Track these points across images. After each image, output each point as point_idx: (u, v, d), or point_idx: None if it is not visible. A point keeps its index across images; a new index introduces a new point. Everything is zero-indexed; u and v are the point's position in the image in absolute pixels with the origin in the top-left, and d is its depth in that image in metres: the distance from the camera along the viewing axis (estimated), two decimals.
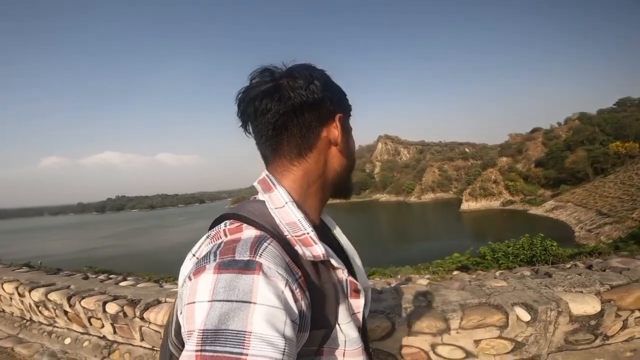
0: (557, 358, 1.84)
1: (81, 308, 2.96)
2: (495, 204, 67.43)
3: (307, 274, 0.52)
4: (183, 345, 0.44)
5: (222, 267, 0.43)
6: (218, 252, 0.46)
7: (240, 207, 0.59)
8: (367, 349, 0.68)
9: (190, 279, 0.46)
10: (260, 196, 0.60)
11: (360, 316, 0.62)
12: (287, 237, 0.54)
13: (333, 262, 0.56)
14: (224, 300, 0.41)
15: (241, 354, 0.38)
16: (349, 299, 0.60)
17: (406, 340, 1.93)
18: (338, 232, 0.76)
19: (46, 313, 3.29)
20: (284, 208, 0.56)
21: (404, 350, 1.93)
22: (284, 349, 0.40)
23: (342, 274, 0.59)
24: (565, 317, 1.90)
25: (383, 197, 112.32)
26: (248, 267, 0.43)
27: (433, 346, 1.91)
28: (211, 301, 0.41)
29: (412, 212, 78.32)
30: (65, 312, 3.12)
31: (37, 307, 3.33)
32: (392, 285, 3.92)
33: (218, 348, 0.38)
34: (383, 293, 2.48)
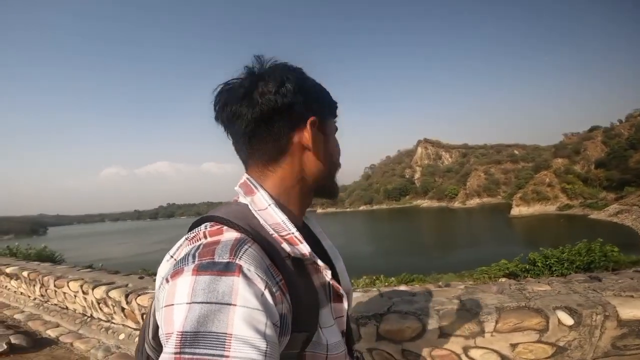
0: None
1: (136, 305, 3.20)
2: (550, 208, 62.56)
3: (288, 277, 0.50)
4: (161, 348, 0.44)
5: (201, 269, 0.43)
6: (197, 254, 0.46)
7: (220, 209, 0.58)
8: (350, 352, 0.69)
9: (167, 281, 0.45)
10: (242, 199, 0.60)
11: (344, 320, 0.63)
12: (273, 236, 0.53)
13: (319, 262, 0.57)
14: (203, 302, 0.40)
15: (222, 356, 0.37)
16: (332, 302, 0.61)
17: (437, 342, 1.89)
18: (320, 235, 0.75)
19: (105, 310, 3.61)
20: (267, 210, 0.56)
21: (435, 352, 1.90)
22: (266, 350, 0.40)
23: (326, 276, 0.58)
24: (612, 321, 1.76)
25: (424, 202, 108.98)
26: (228, 269, 0.43)
27: (465, 349, 1.86)
28: (190, 303, 0.40)
29: (456, 218, 75.00)
30: (123, 309, 3.39)
31: (99, 304, 3.65)
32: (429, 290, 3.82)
33: (198, 350, 0.37)
34: (416, 295, 2.44)
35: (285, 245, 0.53)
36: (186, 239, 0.53)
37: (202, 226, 0.54)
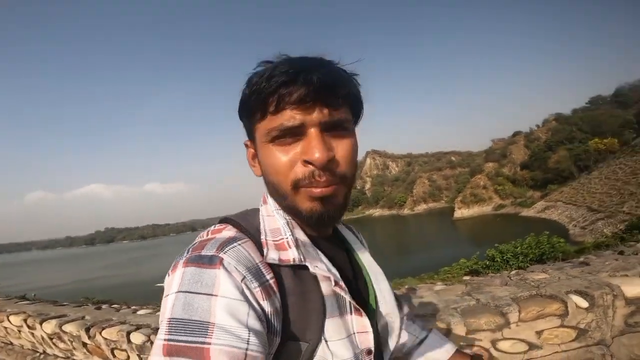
0: (622, 341, 1.80)
1: (102, 339, 2.80)
2: (487, 209, 68.10)
3: (282, 278, 0.51)
4: None
5: (189, 262, 0.46)
6: (191, 248, 0.49)
7: (239, 213, 0.62)
8: None
9: (168, 275, 0.48)
10: (260, 206, 0.63)
11: (367, 337, 0.56)
12: (262, 240, 0.53)
13: (313, 269, 0.52)
14: (187, 292, 0.43)
15: (204, 342, 0.39)
16: (349, 315, 0.56)
17: (465, 340, 1.87)
18: (359, 250, 0.72)
19: (62, 345, 3.12)
20: (273, 216, 0.58)
21: (464, 351, 1.87)
22: (248, 338, 0.41)
23: (330, 285, 0.53)
24: (620, 300, 1.88)
25: (376, 212, 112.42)
26: (211, 261, 0.46)
27: (493, 342, 1.86)
28: (177, 292, 0.43)
29: (407, 225, 78.40)
30: (84, 344, 2.95)
31: (51, 339, 3.16)
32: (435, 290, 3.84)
33: (183, 337, 0.39)
34: (424, 297, 2.42)
35: (266, 250, 0.52)
36: (198, 237, 0.56)
37: (212, 226, 0.57)
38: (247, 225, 0.56)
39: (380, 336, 0.66)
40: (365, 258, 0.71)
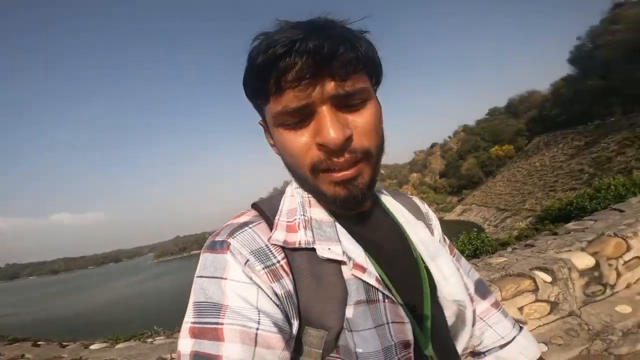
0: (588, 310, 2.06)
1: None
2: None
3: (293, 260, 0.48)
4: None
5: (206, 248, 0.48)
6: (211, 235, 0.51)
7: (269, 195, 0.62)
8: None
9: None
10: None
11: (404, 328, 0.47)
12: (275, 221, 0.51)
13: (321, 252, 0.48)
14: (204, 277, 0.45)
15: (218, 323, 0.41)
16: (379, 302, 0.48)
17: None
18: (409, 223, 0.61)
19: None
20: (294, 196, 0.57)
21: None
22: (258, 319, 0.42)
23: (348, 269, 0.48)
24: (575, 272, 2.16)
25: None
26: (221, 246, 0.47)
27: None
28: (197, 277, 0.46)
29: None
30: None
31: None
32: None
33: (203, 319, 0.42)
34: None
35: (276, 231, 0.50)
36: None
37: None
38: (267, 207, 0.54)
39: (449, 328, 0.57)
40: (418, 232, 0.60)
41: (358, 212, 0.55)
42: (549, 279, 2.06)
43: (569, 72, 45.47)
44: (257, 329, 0.41)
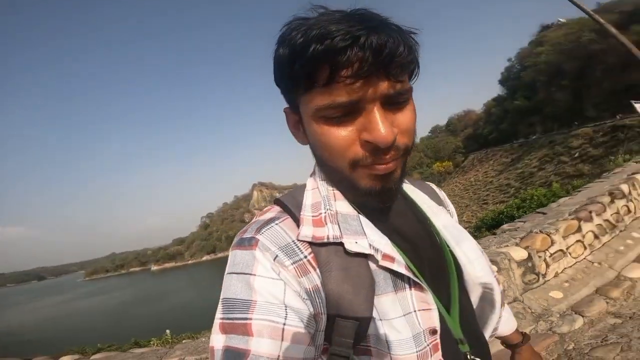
0: (528, 296, 2.45)
1: None
2: None
3: (320, 254, 0.49)
4: None
5: (235, 245, 0.50)
6: (239, 232, 0.52)
7: (292, 189, 0.61)
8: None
9: None
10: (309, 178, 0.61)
11: (430, 315, 0.49)
12: (300, 216, 0.52)
13: (349, 246, 0.49)
14: (233, 273, 0.47)
15: (246, 318, 0.42)
16: (407, 290, 0.49)
17: None
18: (431, 211, 0.63)
19: None
20: (317, 189, 0.56)
21: None
22: (285, 314, 0.43)
23: (378, 260, 0.49)
24: (514, 263, 2.57)
25: None
26: (249, 243, 0.48)
27: None
28: (227, 274, 0.48)
29: None
30: None
31: None
32: None
33: (232, 315, 0.43)
34: None
35: (303, 226, 0.51)
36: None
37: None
38: (291, 202, 0.55)
39: (476, 312, 0.60)
40: (441, 218, 0.62)
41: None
42: (495, 268, 2.43)
43: (499, 92, 50.33)
44: (284, 324, 0.43)
